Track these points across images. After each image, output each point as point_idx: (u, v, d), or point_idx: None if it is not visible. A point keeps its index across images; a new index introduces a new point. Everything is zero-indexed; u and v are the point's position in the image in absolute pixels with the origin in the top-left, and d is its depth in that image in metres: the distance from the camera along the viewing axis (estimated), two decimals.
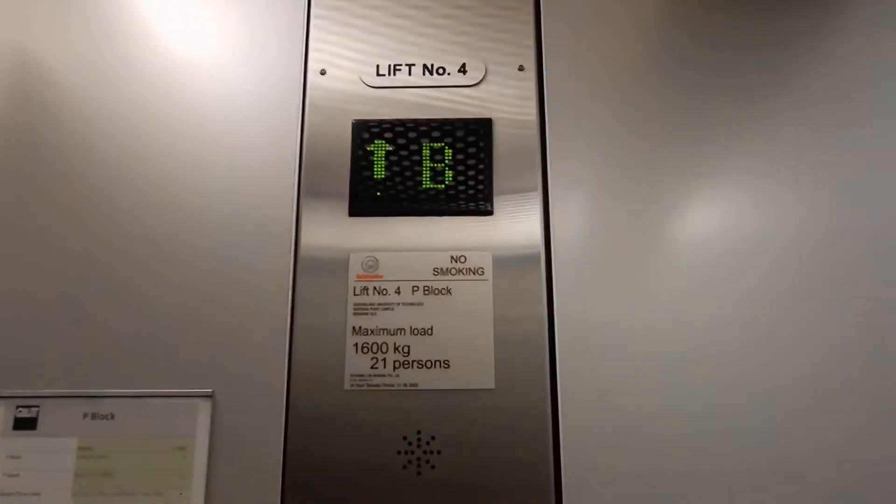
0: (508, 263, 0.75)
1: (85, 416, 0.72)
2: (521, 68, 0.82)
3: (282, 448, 0.71)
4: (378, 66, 0.83)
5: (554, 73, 0.82)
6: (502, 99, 0.81)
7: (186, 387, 0.73)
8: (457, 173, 0.78)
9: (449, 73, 0.82)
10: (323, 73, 0.83)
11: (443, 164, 0.78)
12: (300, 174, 0.79)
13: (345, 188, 0.78)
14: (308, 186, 0.79)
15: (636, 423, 0.71)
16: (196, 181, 0.79)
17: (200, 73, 0.83)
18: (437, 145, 0.79)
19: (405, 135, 0.80)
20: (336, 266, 0.76)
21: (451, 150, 0.79)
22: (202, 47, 0.84)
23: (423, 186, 0.78)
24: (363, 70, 0.83)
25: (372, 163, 0.79)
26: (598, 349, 0.73)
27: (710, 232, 0.76)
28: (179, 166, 0.80)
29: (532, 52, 0.83)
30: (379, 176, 0.78)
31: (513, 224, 0.77)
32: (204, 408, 0.72)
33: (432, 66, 0.82)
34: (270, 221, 0.78)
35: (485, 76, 0.82)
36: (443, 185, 0.78)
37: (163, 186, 0.79)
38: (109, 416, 0.72)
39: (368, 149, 0.79)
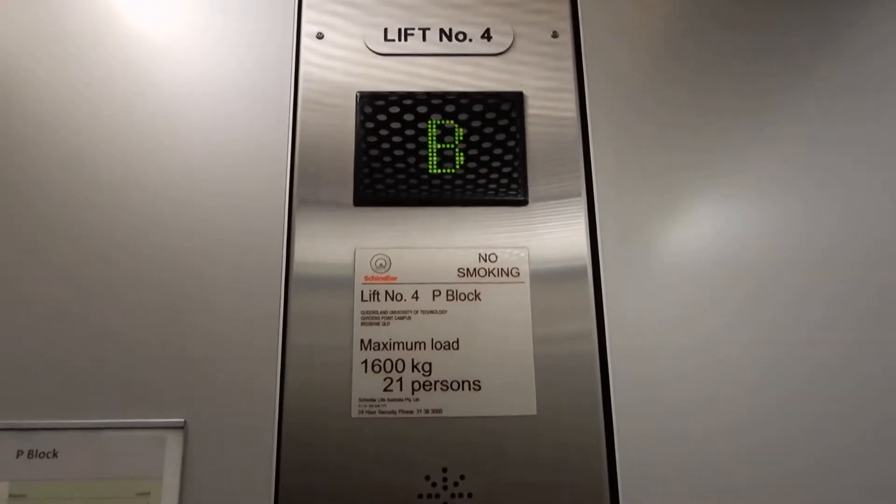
0: (548, 267, 0.63)
1: (19, 454, 0.57)
2: (554, 34, 0.70)
3: (273, 492, 0.57)
4: (386, 30, 0.70)
5: (593, 42, 0.70)
6: (534, 70, 0.69)
7: (151, 416, 0.59)
8: (482, 156, 0.65)
9: (471, 40, 0.70)
10: (320, 37, 0.69)
11: (466, 145, 0.66)
12: (293, 157, 0.66)
13: (348, 173, 0.65)
14: (303, 172, 0.65)
15: (704, 453, 0.59)
16: (164, 170, 0.65)
17: (166, 44, 0.69)
18: (457, 123, 0.66)
19: (420, 110, 0.67)
20: (339, 266, 0.62)
21: (475, 129, 0.66)
22: (171, 18, 0.70)
23: (443, 171, 0.65)
24: (368, 34, 0.70)
25: (381, 142, 0.65)
26: (659, 372, 0.61)
27: (787, 239, 0.65)
28: (142, 156, 0.65)
29: (567, 15, 0.71)
30: (389, 158, 0.65)
31: (551, 218, 0.65)
32: (173, 442, 0.58)
33: (451, 30, 0.70)
34: (257, 214, 0.64)
35: (513, 43, 0.70)
36: (466, 170, 0.65)
37: (121, 175, 0.65)
38: (51, 454, 0.58)
39: (376, 126, 0.66)
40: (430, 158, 0.65)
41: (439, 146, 0.66)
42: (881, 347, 0.63)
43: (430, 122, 0.66)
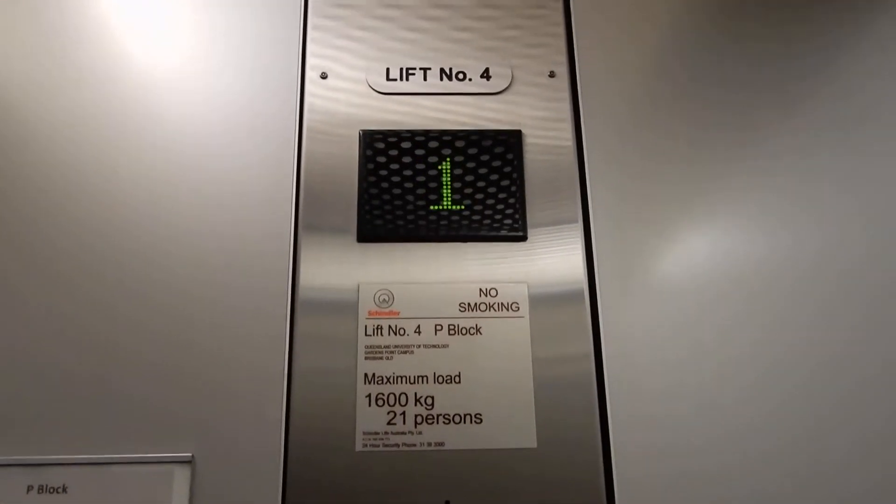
0: (547, 297, 0.65)
1: (29, 489, 0.58)
2: (551, 74, 0.72)
3: None
4: (388, 70, 0.72)
5: (589, 79, 0.72)
6: (532, 107, 0.71)
7: (159, 450, 0.60)
8: (483, 192, 0.67)
9: (470, 79, 0.72)
10: (324, 76, 0.71)
11: (466, 182, 0.67)
12: (297, 194, 0.67)
13: (352, 209, 0.67)
14: (308, 208, 0.67)
15: (701, 470, 0.60)
16: (170, 203, 0.67)
17: (174, 82, 0.71)
18: (459, 160, 0.68)
19: (421, 148, 0.68)
20: (343, 301, 0.64)
21: (475, 166, 0.68)
22: (175, 53, 0.72)
23: (445, 207, 0.67)
24: (371, 74, 0.71)
25: (384, 179, 0.67)
26: (655, 399, 0.62)
27: (776, 258, 0.67)
28: (149, 189, 0.67)
29: (563, 56, 0.73)
30: (392, 195, 0.67)
31: (550, 250, 0.66)
32: (181, 476, 0.59)
33: (451, 70, 0.72)
34: (263, 249, 0.65)
35: (511, 82, 0.72)
36: (468, 206, 0.67)
37: (130, 202, 0.66)
38: (60, 489, 0.58)
39: (379, 163, 0.68)
40: (432, 195, 0.67)
41: (441, 183, 0.67)
42: (873, 355, 0.65)
43: (431, 159, 0.68)
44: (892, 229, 0.69)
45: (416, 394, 0.61)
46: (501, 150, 0.69)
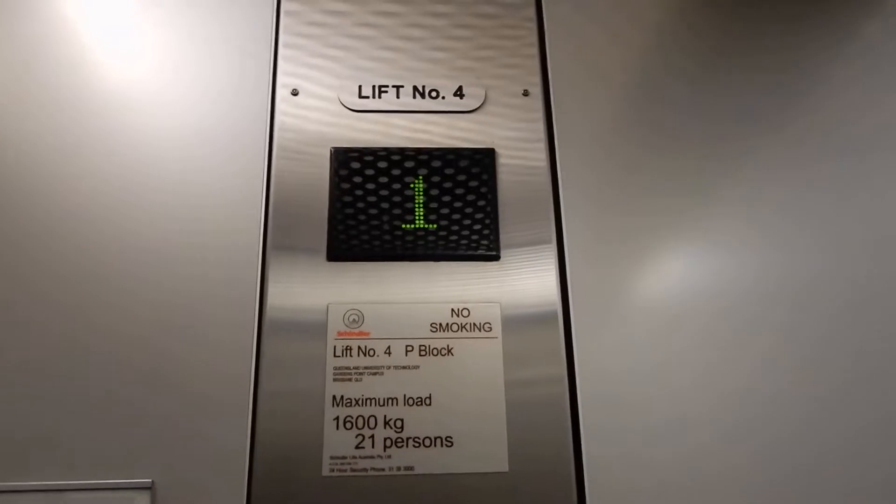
0: (520, 318, 0.64)
1: None
2: (525, 93, 0.72)
3: None
4: (360, 87, 0.71)
5: (562, 98, 0.72)
6: (505, 127, 0.71)
7: (117, 476, 0.57)
8: (456, 211, 0.66)
9: (444, 97, 0.71)
10: (295, 93, 0.70)
11: (439, 201, 0.67)
12: (266, 211, 0.66)
13: (322, 228, 0.65)
14: (277, 227, 0.65)
15: (675, 483, 0.60)
16: (135, 221, 0.65)
17: (142, 98, 0.69)
18: (432, 178, 0.67)
19: (394, 165, 0.68)
20: (312, 321, 0.62)
21: (447, 185, 0.67)
22: (143, 69, 0.71)
23: (417, 226, 0.66)
24: (343, 91, 0.71)
25: (355, 197, 0.66)
26: (630, 421, 0.62)
27: (754, 278, 0.67)
28: (113, 206, 0.65)
29: (538, 77, 0.73)
30: (363, 213, 0.66)
31: (523, 271, 0.65)
32: (141, 503, 0.56)
33: (424, 88, 0.71)
34: (230, 268, 0.64)
35: (485, 101, 0.71)
36: (440, 226, 0.66)
37: (87, 225, 0.64)
38: None
39: (350, 181, 0.67)
40: (404, 214, 0.66)
41: (413, 202, 0.66)
42: (843, 366, 0.65)
43: (404, 178, 0.67)
44: (857, 252, 0.69)
45: (385, 416, 0.60)
46: (475, 169, 0.68)
